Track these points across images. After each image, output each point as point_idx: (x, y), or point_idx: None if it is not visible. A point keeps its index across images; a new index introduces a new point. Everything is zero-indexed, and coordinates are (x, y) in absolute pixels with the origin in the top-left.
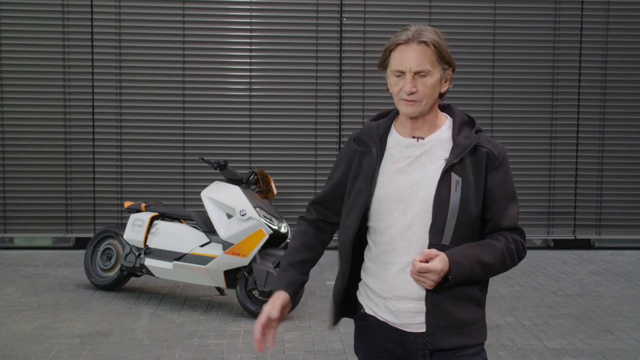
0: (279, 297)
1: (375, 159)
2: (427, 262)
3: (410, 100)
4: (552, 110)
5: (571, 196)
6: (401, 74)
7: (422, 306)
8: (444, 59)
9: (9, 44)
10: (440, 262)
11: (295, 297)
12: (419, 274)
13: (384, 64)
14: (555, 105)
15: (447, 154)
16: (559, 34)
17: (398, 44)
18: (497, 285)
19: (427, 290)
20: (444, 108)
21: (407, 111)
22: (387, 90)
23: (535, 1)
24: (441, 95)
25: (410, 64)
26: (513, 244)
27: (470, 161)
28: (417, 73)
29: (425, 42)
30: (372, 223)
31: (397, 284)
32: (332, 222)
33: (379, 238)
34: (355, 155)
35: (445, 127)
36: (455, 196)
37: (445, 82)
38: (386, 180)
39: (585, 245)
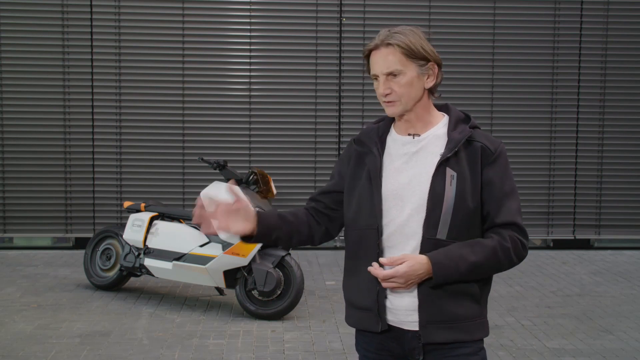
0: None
1: (378, 158)
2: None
3: (388, 102)
4: (552, 110)
5: (571, 196)
6: (376, 77)
7: (417, 303)
8: (415, 55)
9: (9, 44)
10: (406, 266)
11: (261, 220)
12: (384, 280)
13: (367, 70)
14: (555, 105)
15: (442, 150)
16: (559, 34)
17: (370, 50)
18: (496, 285)
19: (420, 284)
20: (441, 107)
21: (388, 112)
22: None
23: (535, 1)
24: (431, 91)
25: (381, 68)
26: (510, 242)
27: (465, 155)
28: (389, 74)
29: (390, 44)
30: None
31: None
32: (327, 214)
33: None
34: (354, 156)
35: (441, 124)
36: (450, 190)
37: (428, 78)
38: (387, 178)
39: (585, 245)
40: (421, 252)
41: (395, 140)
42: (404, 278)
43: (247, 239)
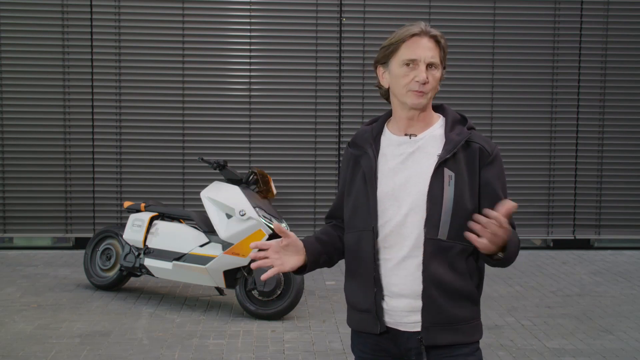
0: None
1: (372, 159)
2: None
3: (421, 91)
4: (552, 110)
5: (571, 196)
6: (412, 63)
7: (415, 304)
8: (444, 58)
9: (9, 44)
10: (506, 224)
11: (308, 248)
12: (506, 212)
13: (387, 57)
14: (555, 105)
15: (439, 151)
16: (559, 34)
17: (413, 35)
18: (496, 285)
19: (423, 286)
20: (437, 108)
21: (415, 102)
22: (378, 86)
23: (535, 1)
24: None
25: (425, 54)
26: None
27: (463, 157)
28: (429, 64)
29: (435, 38)
30: None
31: (391, 280)
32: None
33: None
34: (351, 159)
35: (437, 125)
36: (449, 191)
37: (440, 81)
38: (382, 178)
39: (585, 245)
40: (425, 253)
41: (390, 140)
42: (502, 229)
43: (299, 270)
